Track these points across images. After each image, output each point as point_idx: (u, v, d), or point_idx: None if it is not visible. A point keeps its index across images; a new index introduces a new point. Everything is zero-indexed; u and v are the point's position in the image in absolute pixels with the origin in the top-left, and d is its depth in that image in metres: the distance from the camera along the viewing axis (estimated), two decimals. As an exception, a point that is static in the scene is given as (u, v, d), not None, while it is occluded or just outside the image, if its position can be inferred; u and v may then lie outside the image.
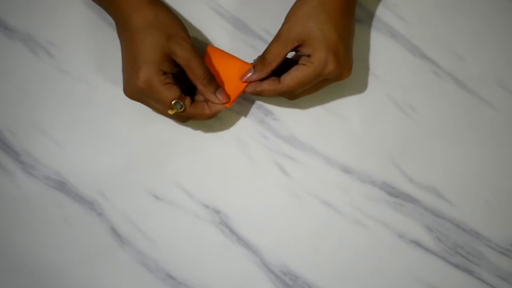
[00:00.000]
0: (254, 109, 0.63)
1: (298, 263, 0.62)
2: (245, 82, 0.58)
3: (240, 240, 0.62)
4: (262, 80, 0.58)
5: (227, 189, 0.62)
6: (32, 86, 0.63)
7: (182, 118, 0.57)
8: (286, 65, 0.58)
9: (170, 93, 0.55)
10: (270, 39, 0.63)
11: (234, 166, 0.63)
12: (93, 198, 0.62)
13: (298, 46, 0.56)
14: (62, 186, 0.62)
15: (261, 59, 0.58)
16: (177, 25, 0.56)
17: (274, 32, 0.63)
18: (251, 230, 0.62)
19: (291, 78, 0.56)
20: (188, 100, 0.56)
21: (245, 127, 0.63)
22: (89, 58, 0.63)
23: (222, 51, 0.59)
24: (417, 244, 0.62)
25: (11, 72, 0.63)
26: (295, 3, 0.57)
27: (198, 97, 0.58)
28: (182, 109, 0.55)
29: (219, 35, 0.63)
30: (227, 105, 0.58)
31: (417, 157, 0.63)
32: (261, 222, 0.62)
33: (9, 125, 0.63)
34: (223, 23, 0.64)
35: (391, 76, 0.64)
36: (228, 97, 0.58)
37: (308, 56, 0.56)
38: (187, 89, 0.58)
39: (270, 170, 0.63)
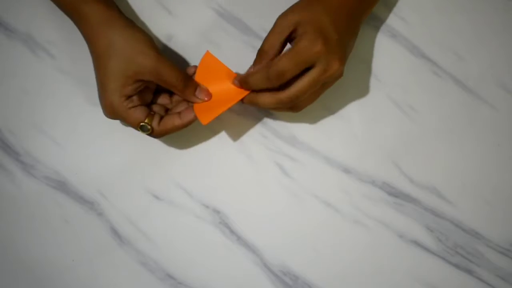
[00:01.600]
0: (254, 109, 0.63)
1: (298, 263, 0.62)
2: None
3: (240, 240, 0.62)
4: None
5: (227, 189, 0.62)
6: (32, 86, 0.63)
7: (155, 136, 0.57)
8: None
9: (136, 117, 0.55)
10: (270, 39, 0.63)
11: (234, 166, 0.63)
12: (93, 198, 0.62)
13: (293, 31, 0.55)
14: (62, 186, 0.62)
15: (259, 50, 0.57)
16: (138, 41, 0.55)
17: (274, 32, 0.63)
18: (251, 230, 0.62)
19: (279, 56, 0.54)
20: (156, 120, 0.56)
21: (245, 127, 0.63)
22: (89, 58, 0.63)
23: (219, 61, 0.58)
24: (417, 244, 0.62)
25: (11, 72, 0.63)
26: None
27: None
28: (149, 131, 0.56)
29: (219, 35, 0.63)
30: (203, 122, 0.56)
31: (417, 157, 0.63)
32: (261, 222, 0.62)
33: (9, 125, 0.63)
34: (223, 23, 0.64)
35: (391, 76, 0.64)
36: (209, 93, 0.57)
37: (299, 36, 0.55)
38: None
39: (270, 170, 0.63)
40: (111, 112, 0.56)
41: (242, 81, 0.56)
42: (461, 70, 0.64)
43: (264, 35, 0.63)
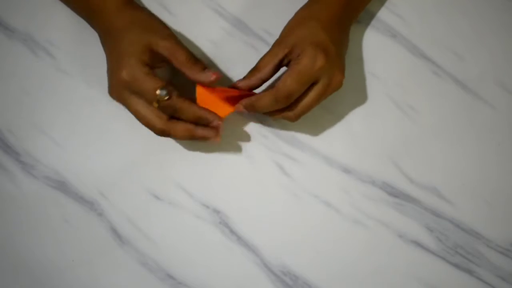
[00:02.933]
0: (254, 109, 0.63)
1: (298, 263, 0.62)
2: (234, 88, 0.58)
3: (240, 240, 0.62)
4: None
5: (227, 189, 0.62)
6: (32, 86, 0.63)
7: (168, 109, 0.55)
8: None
9: (154, 82, 0.54)
10: (270, 39, 0.63)
11: (234, 166, 0.63)
12: (93, 198, 0.62)
13: (289, 53, 0.56)
14: (62, 186, 0.62)
15: (253, 68, 0.58)
16: (155, 20, 0.58)
17: (274, 32, 0.63)
18: (251, 230, 0.62)
19: (284, 78, 0.55)
20: (175, 92, 0.55)
21: (245, 127, 0.63)
22: (89, 58, 0.63)
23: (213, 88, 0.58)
24: (417, 244, 0.62)
25: (11, 72, 0.63)
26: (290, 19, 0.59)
27: None
28: (168, 96, 0.54)
29: (219, 35, 0.63)
30: (220, 119, 0.56)
31: (417, 157, 0.63)
32: (261, 222, 0.62)
33: (9, 125, 0.63)
34: (223, 23, 0.64)
35: (391, 76, 0.64)
36: (217, 74, 0.56)
37: (298, 56, 0.56)
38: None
39: (270, 170, 0.63)
40: (128, 76, 0.54)
41: (248, 106, 0.57)
42: (461, 70, 0.64)
43: (264, 35, 0.63)
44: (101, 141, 0.63)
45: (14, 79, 0.63)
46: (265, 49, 0.63)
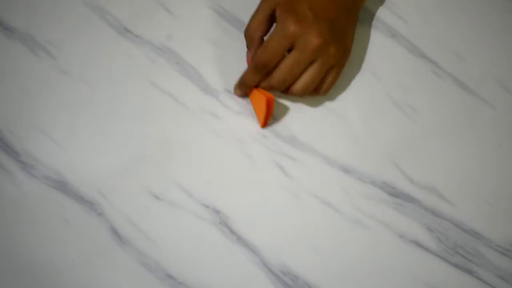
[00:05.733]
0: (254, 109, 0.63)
1: (298, 263, 0.62)
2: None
3: (240, 240, 0.62)
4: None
5: (227, 189, 0.62)
6: (32, 86, 0.63)
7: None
8: None
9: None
10: (270, 39, 0.63)
11: (234, 166, 0.63)
12: (93, 198, 0.62)
13: (273, 13, 0.57)
14: (62, 186, 0.62)
15: (245, 29, 0.59)
16: None
17: (274, 32, 0.63)
18: (251, 230, 0.62)
19: (261, 47, 0.57)
20: None
21: (245, 127, 0.63)
22: (89, 58, 0.63)
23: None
24: (417, 244, 0.62)
25: (11, 72, 0.63)
26: None
27: None
28: None
29: (219, 35, 0.63)
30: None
31: (417, 157, 0.63)
32: (261, 222, 0.62)
33: (9, 125, 0.63)
34: (223, 23, 0.64)
35: (391, 76, 0.64)
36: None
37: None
38: None
39: (270, 170, 0.63)
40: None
41: (239, 85, 0.58)
42: (462, 70, 0.64)
43: (264, 35, 0.63)
44: (101, 141, 0.63)
45: (14, 79, 0.63)
46: (265, 49, 0.63)
